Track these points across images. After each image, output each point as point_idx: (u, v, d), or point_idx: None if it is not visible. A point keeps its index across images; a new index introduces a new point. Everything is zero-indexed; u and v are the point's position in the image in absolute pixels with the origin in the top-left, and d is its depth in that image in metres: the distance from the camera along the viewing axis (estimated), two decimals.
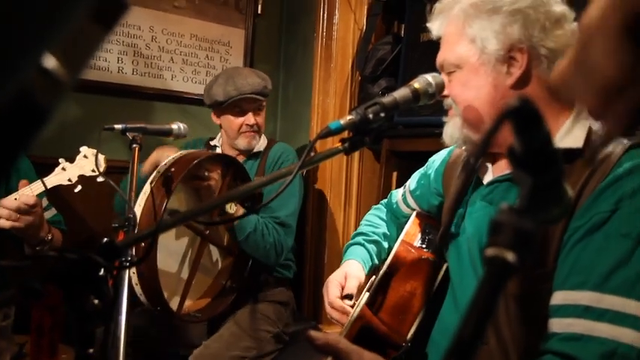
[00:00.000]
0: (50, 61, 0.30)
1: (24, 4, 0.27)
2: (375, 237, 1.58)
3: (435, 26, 1.15)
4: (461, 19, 1.07)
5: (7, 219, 1.55)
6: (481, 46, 1.04)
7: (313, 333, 0.82)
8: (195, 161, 1.55)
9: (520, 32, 1.01)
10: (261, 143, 2.21)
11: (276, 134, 3.02)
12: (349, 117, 0.92)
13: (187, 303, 1.75)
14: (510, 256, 0.39)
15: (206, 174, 1.69)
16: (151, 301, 1.53)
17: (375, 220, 1.67)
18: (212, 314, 1.78)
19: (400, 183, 1.76)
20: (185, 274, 1.75)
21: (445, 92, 1.11)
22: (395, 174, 2.52)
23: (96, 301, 0.65)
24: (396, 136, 2.38)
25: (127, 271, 0.97)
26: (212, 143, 2.29)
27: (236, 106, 2.07)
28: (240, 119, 2.09)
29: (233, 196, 1.44)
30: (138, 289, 1.48)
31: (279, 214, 1.99)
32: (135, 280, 1.43)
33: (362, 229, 1.64)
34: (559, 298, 0.93)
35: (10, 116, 0.29)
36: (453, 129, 1.14)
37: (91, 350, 0.70)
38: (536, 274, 0.98)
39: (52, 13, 0.28)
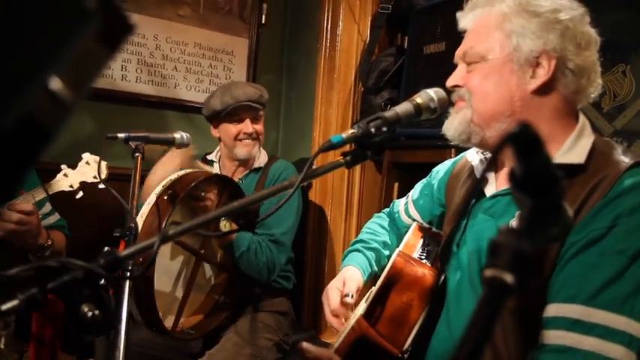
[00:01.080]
0: (55, 83, 0.30)
1: (30, 30, 0.27)
2: (375, 244, 1.58)
3: (469, 17, 1.13)
4: (502, 13, 1.05)
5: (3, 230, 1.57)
6: (515, 43, 1.03)
7: (305, 345, 0.82)
8: (193, 183, 1.56)
9: (556, 41, 1.01)
10: (262, 159, 2.21)
11: (278, 144, 3.03)
12: (351, 131, 0.92)
13: (181, 319, 1.74)
14: (509, 278, 0.39)
15: (202, 194, 1.71)
16: (147, 322, 1.53)
17: (375, 228, 1.66)
18: (205, 330, 1.78)
19: (401, 194, 1.76)
20: (180, 293, 1.75)
21: (459, 82, 1.11)
22: (396, 185, 2.52)
23: (96, 312, 0.65)
24: (397, 148, 2.39)
25: (128, 281, 0.97)
26: (209, 158, 2.29)
27: (234, 114, 2.09)
28: (238, 127, 2.10)
29: (229, 211, 1.44)
30: (134, 309, 1.48)
31: (274, 232, 1.99)
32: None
33: (362, 236, 1.63)
34: (552, 310, 0.94)
35: (16, 137, 0.29)
36: (460, 122, 1.11)
37: (91, 359, 0.70)
38: (531, 289, 0.98)
39: (58, 37, 0.29)
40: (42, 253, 1.75)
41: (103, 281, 0.70)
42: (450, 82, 1.13)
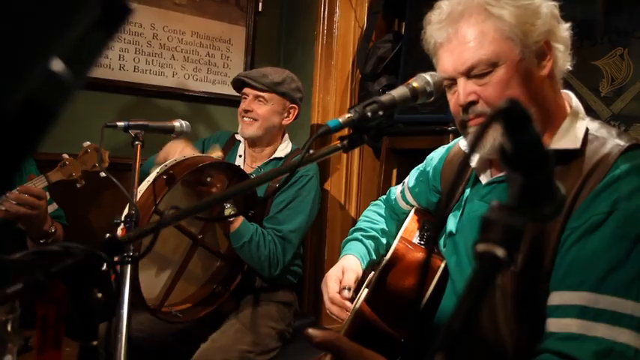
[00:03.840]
0: (57, 65, 0.31)
1: (31, 13, 0.28)
2: (373, 233, 1.59)
3: (448, 31, 1.06)
4: (492, 15, 1.01)
5: (14, 211, 1.58)
6: (520, 41, 1.00)
7: (311, 331, 0.83)
8: (199, 165, 1.56)
9: (547, 22, 1.02)
10: (284, 149, 2.20)
11: None
12: (348, 115, 0.93)
13: (172, 302, 1.75)
14: (500, 252, 0.40)
15: (208, 180, 1.70)
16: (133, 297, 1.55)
17: (373, 216, 1.67)
18: (193, 317, 1.77)
19: (400, 180, 1.77)
20: (170, 274, 1.75)
21: (473, 98, 1.05)
22: (395, 171, 2.53)
23: (99, 295, 0.67)
24: (396, 134, 2.40)
25: (129, 266, 0.98)
26: (237, 137, 2.28)
27: (239, 89, 2.14)
28: (242, 104, 2.13)
29: (229, 195, 1.45)
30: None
31: (282, 228, 1.97)
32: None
33: (360, 225, 1.64)
34: (556, 298, 0.94)
35: (20, 117, 0.30)
36: (489, 139, 1.04)
37: (95, 343, 0.72)
38: (533, 274, 0.99)
39: (58, 20, 0.29)
40: (45, 240, 1.77)
41: (104, 267, 0.71)
42: (463, 100, 1.06)
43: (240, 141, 2.25)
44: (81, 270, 0.66)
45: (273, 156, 2.17)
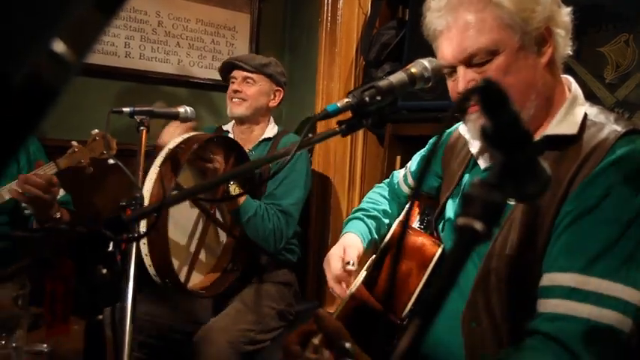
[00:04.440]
0: (59, 45, 0.34)
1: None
2: (375, 213, 1.59)
3: (448, 18, 1.06)
4: (491, 3, 1.01)
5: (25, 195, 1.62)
6: (520, 27, 1.00)
7: (322, 312, 0.85)
8: (197, 144, 1.61)
9: (547, 7, 1.01)
10: (271, 130, 2.29)
11: (282, 118, 3.05)
12: (346, 100, 0.94)
13: (193, 282, 1.81)
14: (478, 225, 0.42)
15: (211, 156, 1.75)
16: (159, 273, 1.59)
17: (376, 197, 1.68)
18: (215, 292, 1.85)
19: (403, 167, 1.79)
20: (193, 248, 1.83)
21: (471, 85, 1.05)
22: (398, 158, 2.55)
23: (104, 271, 0.70)
24: (399, 121, 2.41)
25: (135, 245, 1.01)
26: (224, 128, 2.36)
27: (227, 72, 2.24)
28: (231, 87, 2.23)
29: (235, 174, 1.48)
30: (147, 260, 1.53)
31: (282, 202, 2.04)
32: (145, 250, 1.49)
33: (362, 205, 1.64)
34: (547, 279, 0.95)
35: (21, 96, 0.33)
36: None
37: (100, 317, 0.75)
38: (528, 258, 1.01)
39: (58, 4, 0.32)
40: (50, 225, 1.81)
41: (111, 247, 0.74)
42: (462, 88, 1.07)
43: (227, 131, 2.33)
44: (86, 247, 0.69)
45: (262, 137, 2.25)
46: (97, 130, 1.71)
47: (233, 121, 2.33)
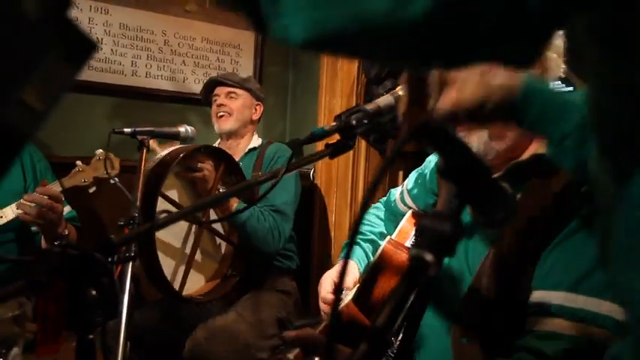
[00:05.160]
0: (27, 95, 0.37)
1: (4, 55, 0.34)
2: (372, 236, 1.63)
3: None
4: None
5: (33, 214, 1.66)
6: None
7: (288, 334, 0.88)
8: (183, 153, 1.68)
9: None
10: (255, 141, 2.36)
11: (285, 133, 3.10)
12: (333, 123, 0.97)
13: (191, 289, 1.84)
14: (429, 257, 0.44)
15: (199, 165, 1.82)
16: (153, 282, 1.63)
17: (372, 219, 1.71)
18: (213, 297, 1.88)
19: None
20: (187, 252, 1.86)
21: None
22: (401, 173, 2.56)
23: (94, 292, 0.72)
24: None
25: (130, 264, 1.05)
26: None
27: (210, 91, 2.33)
28: (215, 104, 2.31)
29: (231, 193, 1.52)
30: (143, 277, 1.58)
31: (274, 202, 2.07)
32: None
33: (360, 227, 1.68)
34: (536, 296, 0.96)
35: None
36: (477, 143, 1.07)
37: (91, 336, 0.77)
38: (517, 275, 1.02)
39: (27, 58, 0.35)
40: (59, 242, 1.84)
41: (108, 265, 0.77)
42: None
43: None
44: (77, 270, 0.72)
45: (248, 147, 2.33)
46: (100, 150, 1.76)
47: (219, 139, 2.40)
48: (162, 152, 1.77)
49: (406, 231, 1.48)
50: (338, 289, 0.41)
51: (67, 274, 0.71)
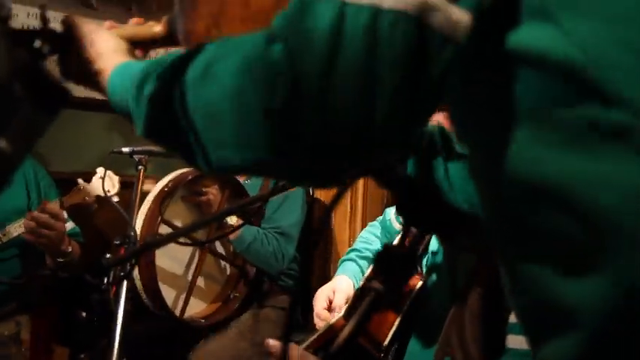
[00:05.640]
0: (1, 144, 0.40)
1: None
2: (368, 253, 1.66)
3: None
4: None
5: (32, 233, 1.70)
6: None
7: (271, 342, 0.90)
8: (189, 177, 1.69)
9: None
10: None
11: None
12: None
13: (193, 311, 1.86)
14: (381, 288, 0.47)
15: (203, 189, 1.83)
16: (155, 307, 1.66)
17: (369, 236, 1.75)
18: (215, 320, 1.90)
19: None
20: (189, 277, 1.89)
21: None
22: None
23: (84, 314, 0.76)
24: None
25: (124, 285, 1.08)
26: None
27: None
28: None
29: (231, 210, 1.55)
30: (143, 295, 1.62)
31: (281, 224, 2.09)
32: (139, 285, 1.57)
33: (356, 245, 1.73)
34: (515, 316, 0.99)
35: None
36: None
37: (82, 356, 0.81)
38: (498, 296, 1.04)
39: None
40: (62, 258, 1.87)
41: (104, 284, 0.80)
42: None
43: None
44: (68, 292, 0.75)
45: None
46: (101, 169, 1.80)
47: None
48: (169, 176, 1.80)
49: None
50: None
51: (58, 297, 0.74)
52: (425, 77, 0.42)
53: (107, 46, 0.66)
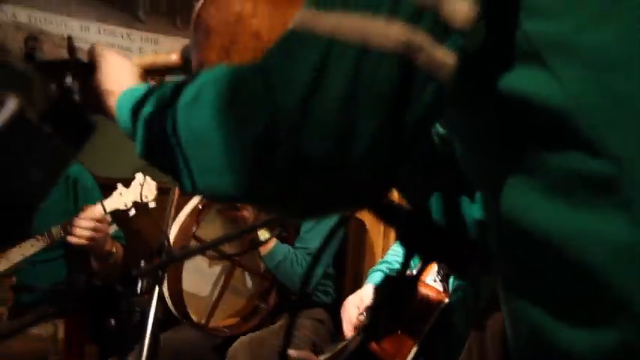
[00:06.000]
0: (34, 173, 0.45)
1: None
2: (397, 265, 1.67)
3: None
4: None
5: (80, 237, 1.79)
6: None
7: (292, 352, 0.92)
8: None
9: None
10: None
11: None
12: None
13: (218, 318, 1.91)
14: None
15: (239, 205, 1.85)
16: (180, 315, 1.72)
17: (399, 249, 1.76)
18: (238, 331, 1.93)
19: None
20: (216, 293, 1.93)
21: None
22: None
23: (113, 322, 0.80)
24: None
25: (156, 293, 1.12)
26: None
27: None
28: None
29: (262, 224, 1.58)
30: (170, 303, 1.69)
31: (311, 246, 2.09)
32: (166, 293, 1.64)
33: (386, 257, 1.77)
34: None
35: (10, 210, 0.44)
36: None
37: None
38: None
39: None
40: (107, 260, 1.95)
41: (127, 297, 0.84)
42: None
43: None
44: (100, 301, 0.80)
45: None
46: (140, 175, 1.87)
47: None
48: None
49: (427, 267, 1.50)
50: None
51: (90, 305, 0.79)
52: (406, 118, 0.42)
53: (121, 72, 0.69)
